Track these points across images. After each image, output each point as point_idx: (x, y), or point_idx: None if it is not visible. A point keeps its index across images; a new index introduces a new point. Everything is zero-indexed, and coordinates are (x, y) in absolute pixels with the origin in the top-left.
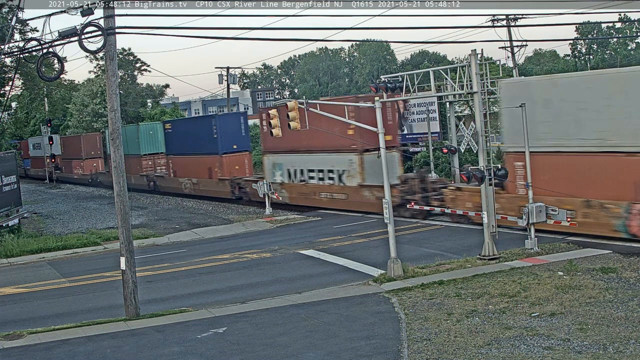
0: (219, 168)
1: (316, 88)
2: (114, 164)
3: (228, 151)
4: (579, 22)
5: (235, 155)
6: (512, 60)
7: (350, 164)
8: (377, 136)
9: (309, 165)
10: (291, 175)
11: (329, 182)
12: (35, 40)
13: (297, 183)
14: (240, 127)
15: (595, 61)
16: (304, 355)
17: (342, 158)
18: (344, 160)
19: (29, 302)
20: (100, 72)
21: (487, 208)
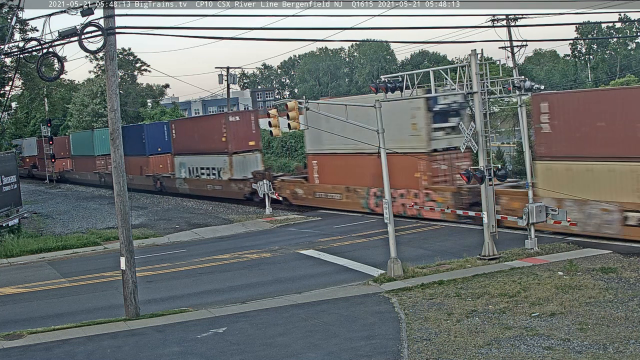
0: (146, 166)
1: (316, 88)
2: (113, 164)
3: (154, 153)
4: (579, 22)
5: (159, 156)
6: (512, 60)
7: (224, 163)
8: (242, 142)
9: (200, 164)
10: (191, 172)
11: (213, 177)
12: (35, 40)
13: (194, 178)
14: (164, 134)
15: (595, 61)
16: (304, 355)
17: (220, 159)
18: (221, 160)
19: (29, 302)
20: (100, 72)
21: (487, 208)
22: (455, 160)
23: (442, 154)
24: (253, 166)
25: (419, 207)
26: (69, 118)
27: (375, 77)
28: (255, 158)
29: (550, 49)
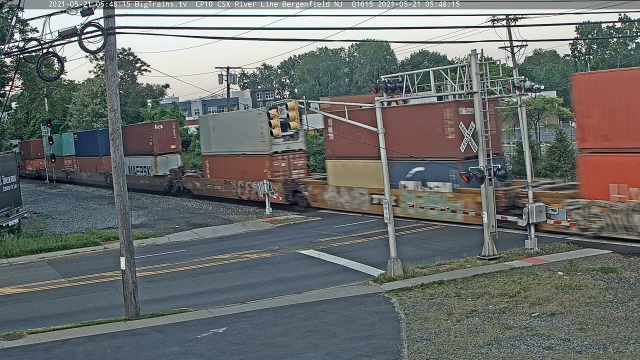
0: (100, 165)
1: (316, 88)
2: (113, 164)
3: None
4: (579, 22)
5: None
6: (512, 60)
7: (152, 162)
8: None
9: (136, 163)
10: (130, 170)
11: (144, 173)
12: (35, 40)
13: (132, 175)
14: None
15: (595, 61)
16: (304, 355)
17: (149, 159)
18: (149, 160)
19: (29, 302)
20: (100, 72)
21: (487, 208)
22: (292, 160)
23: (281, 155)
24: (173, 165)
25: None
26: (69, 118)
27: (375, 77)
28: (176, 158)
29: (550, 49)
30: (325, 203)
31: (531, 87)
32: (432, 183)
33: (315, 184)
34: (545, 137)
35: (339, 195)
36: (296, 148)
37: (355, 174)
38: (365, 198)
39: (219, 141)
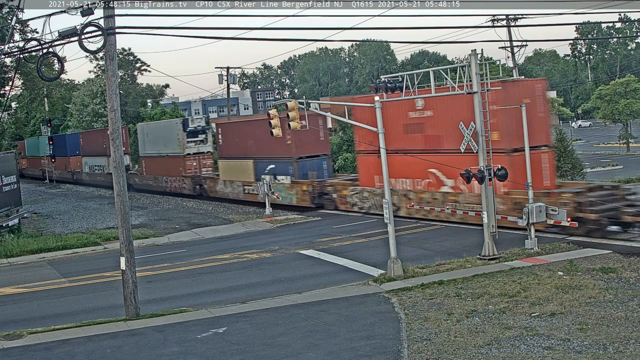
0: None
1: (316, 88)
2: (113, 164)
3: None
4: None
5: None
6: (512, 60)
7: (105, 162)
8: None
9: (95, 163)
10: (90, 168)
11: (100, 171)
12: (35, 40)
13: (92, 172)
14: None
15: (595, 61)
16: (304, 355)
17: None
18: (104, 160)
19: (29, 302)
20: (100, 72)
21: (487, 208)
22: (202, 160)
23: (193, 157)
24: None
25: (180, 187)
26: (69, 118)
27: (375, 77)
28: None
29: (550, 49)
30: (217, 193)
31: None
32: (280, 176)
33: (212, 179)
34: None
35: (225, 187)
36: (205, 150)
37: (235, 170)
38: (240, 189)
39: (150, 145)
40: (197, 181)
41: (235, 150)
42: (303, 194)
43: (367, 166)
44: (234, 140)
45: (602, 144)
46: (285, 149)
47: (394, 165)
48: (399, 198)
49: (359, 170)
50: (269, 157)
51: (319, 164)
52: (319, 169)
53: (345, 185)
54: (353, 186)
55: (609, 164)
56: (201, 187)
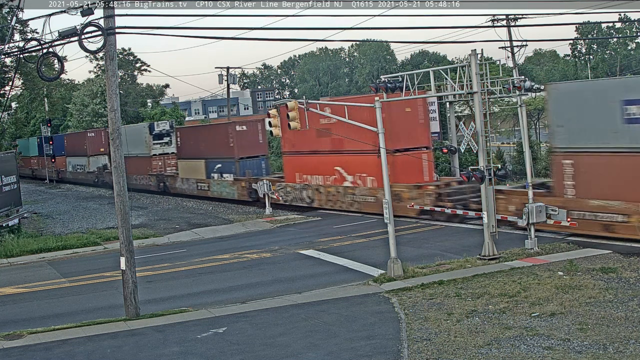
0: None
1: (316, 88)
2: (114, 164)
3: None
4: (579, 22)
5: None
6: (512, 60)
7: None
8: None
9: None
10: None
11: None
12: (35, 40)
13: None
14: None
15: (595, 61)
16: (304, 355)
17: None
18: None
19: (29, 302)
20: (100, 72)
21: (487, 208)
22: (167, 160)
23: (158, 157)
24: (100, 164)
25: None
26: (69, 118)
27: (375, 77)
28: (104, 158)
29: (550, 49)
30: (177, 189)
31: (531, 87)
32: (225, 174)
33: (172, 177)
34: (546, 137)
35: (182, 184)
36: (169, 152)
37: (191, 169)
38: (194, 185)
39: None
40: (161, 179)
41: (190, 152)
42: (242, 190)
43: (291, 165)
44: (189, 143)
45: None
46: (229, 151)
47: (310, 164)
48: (313, 192)
49: (284, 169)
50: (217, 157)
51: (258, 163)
52: (258, 168)
53: (274, 182)
54: (279, 182)
55: None
56: (164, 184)
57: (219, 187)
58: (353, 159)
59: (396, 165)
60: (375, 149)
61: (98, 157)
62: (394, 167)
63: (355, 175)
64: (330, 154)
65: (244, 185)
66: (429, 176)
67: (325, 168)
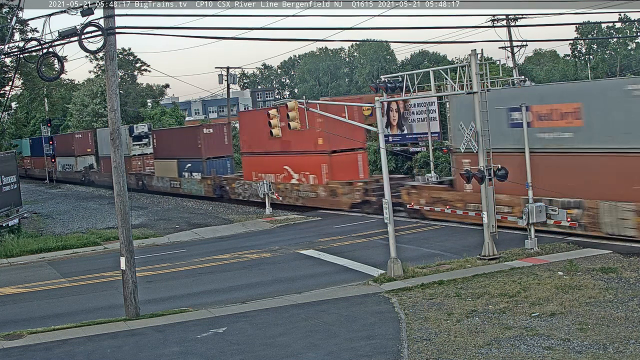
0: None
1: (316, 88)
2: (114, 164)
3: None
4: (579, 22)
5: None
6: (512, 60)
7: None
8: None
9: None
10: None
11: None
12: (35, 40)
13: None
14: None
15: (595, 61)
16: (304, 355)
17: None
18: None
19: (29, 302)
20: (100, 72)
21: (487, 208)
22: (145, 160)
23: (137, 157)
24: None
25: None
26: (69, 118)
27: (375, 77)
28: (91, 158)
29: (550, 49)
30: (153, 187)
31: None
32: (194, 173)
33: (149, 176)
34: None
35: (158, 182)
36: (148, 152)
37: (165, 168)
38: (168, 183)
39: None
40: (140, 178)
41: (165, 152)
42: (208, 187)
43: (248, 164)
44: (164, 145)
45: None
46: (197, 151)
47: (263, 164)
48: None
49: (243, 168)
50: (188, 157)
51: (224, 163)
52: (223, 167)
53: (234, 180)
54: (239, 180)
55: None
56: (142, 183)
57: (188, 185)
58: (298, 159)
59: (333, 165)
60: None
61: (85, 157)
62: (331, 166)
63: (301, 174)
64: (279, 155)
65: (209, 183)
66: (364, 174)
67: (276, 167)
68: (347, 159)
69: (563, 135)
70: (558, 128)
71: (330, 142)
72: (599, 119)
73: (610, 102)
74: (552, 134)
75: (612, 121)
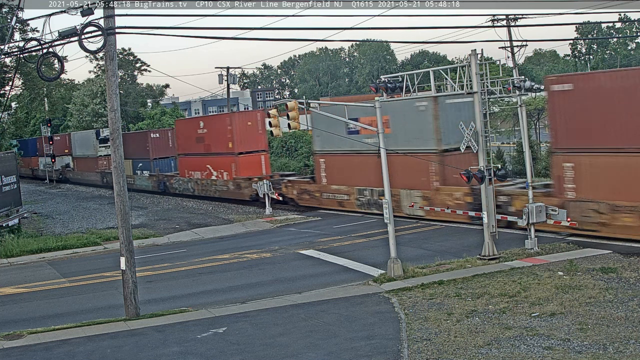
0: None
1: (316, 88)
2: (114, 164)
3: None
4: (579, 22)
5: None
6: (512, 60)
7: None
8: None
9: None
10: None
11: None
12: (35, 40)
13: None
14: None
15: (595, 61)
16: (304, 355)
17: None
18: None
19: (29, 302)
20: (100, 72)
21: (487, 208)
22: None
23: (103, 158)
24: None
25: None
26: (69, 118)
27: (375, 77)
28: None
29: (550, 49)
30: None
31: (531, 87)
32: (145, 171)
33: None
34: (546, 137)
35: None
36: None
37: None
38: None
39: (78, 149)
40: (104, 175)
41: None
42: (154, 182)
43: (182, 163)
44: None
45: None
46: (146, 153)
47: (193, 163)
48: (194, 184)
49: (178, 166)
50: (140, 158)
51: (168, 162)
52: (168, 166)
53: (173, 176)
54: (176, 177)
55: None
56: (106, 180)
57: (140, 181)
58: (216, 159)
59: (239, 164)
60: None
61: (63, 157)
62: (238, 165)
63: (218, 171)
64: (203, 156)
65: (155, 179)
66: (266, 171)
67: (201, 166)
68: (252, 159)
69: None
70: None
71: (237, 145)
72: (400, 128)
73: (406, 115)
74: (373, 139)
75: (408, 129)
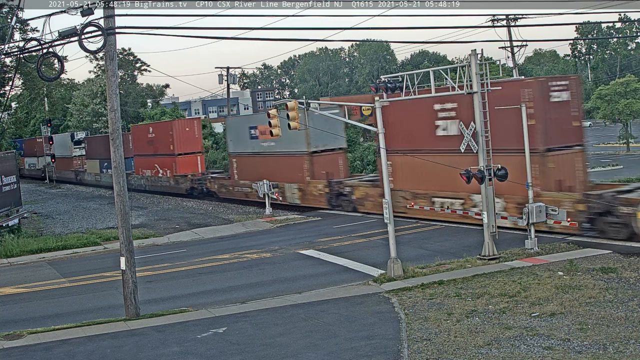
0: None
1: (316, 88)
2: (114, 164)
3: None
4: (579, 22)
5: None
6: (512, 60)
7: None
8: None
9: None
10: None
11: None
12: (35, 40)
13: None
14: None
15: (595, 61)
16: (304, 355)
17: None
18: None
19: (29, 302)
20: (100, 72)
21: (487, 208)
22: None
23: (77, 158)
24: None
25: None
26: (69, 118)
27: (375, 77)
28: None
29: (550, 49)
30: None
31: None
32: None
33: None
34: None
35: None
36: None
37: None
38: (94, 178)
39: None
40: (77, 173)
41: (92, 154)
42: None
43: (137, 163)
44: (92, 148)
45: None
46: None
47: (145, 162)
48: (145, 181)
49: (135, 165)
50: (104, 158)
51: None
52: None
53: (130, 174)
54: (132, 175)
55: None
56: (79, 177)
57: (105, 179)
58: (162, 159)
59: (179, 163)
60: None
61: (45, 157)
62: (177, 164)
63: (163, 169)
64: (152, 156)
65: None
66: (201, 170)
67: (151, 165)
68: (189, 160)
69: (271, 144)
70: (269, 140)
71: (177, 147)
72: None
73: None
74: (268, 143)
75: (290, 135)
